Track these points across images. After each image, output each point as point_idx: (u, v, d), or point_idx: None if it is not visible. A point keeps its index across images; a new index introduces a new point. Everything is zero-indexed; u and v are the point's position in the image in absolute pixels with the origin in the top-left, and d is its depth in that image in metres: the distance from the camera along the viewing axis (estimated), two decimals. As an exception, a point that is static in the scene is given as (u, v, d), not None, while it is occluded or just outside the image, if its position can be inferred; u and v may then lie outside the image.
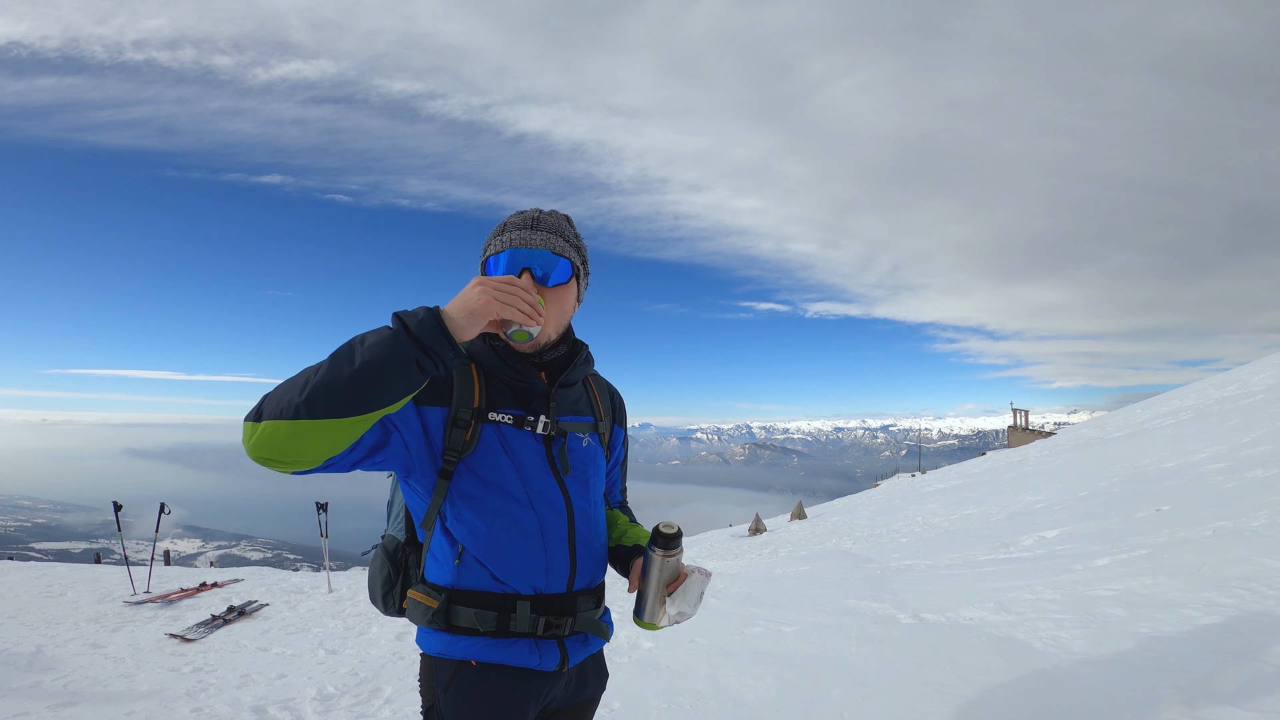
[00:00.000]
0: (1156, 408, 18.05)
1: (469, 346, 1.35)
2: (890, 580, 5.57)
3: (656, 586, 1.29)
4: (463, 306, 1.12)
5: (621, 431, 1.57)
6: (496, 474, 1.29)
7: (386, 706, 4.05)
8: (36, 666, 4.92)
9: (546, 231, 1.31)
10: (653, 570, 1.28)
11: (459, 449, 1.26)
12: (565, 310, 1.36)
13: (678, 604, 1.28)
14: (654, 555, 1.27)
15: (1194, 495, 6.07)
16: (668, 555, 1.26)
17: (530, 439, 1.32)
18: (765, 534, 13.81)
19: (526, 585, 1.30)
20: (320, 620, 6.85)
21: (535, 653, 1.29)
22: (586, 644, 1.39)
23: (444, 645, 1.29)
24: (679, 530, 1.28)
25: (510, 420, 1.30)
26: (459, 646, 1.27)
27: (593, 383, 1.51)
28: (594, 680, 1.46)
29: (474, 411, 1.28)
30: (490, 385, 1.33)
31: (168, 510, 9.12)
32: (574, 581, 1.35)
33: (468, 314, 1.11)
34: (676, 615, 1.29)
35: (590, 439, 1.43)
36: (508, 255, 1.30)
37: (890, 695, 2.98)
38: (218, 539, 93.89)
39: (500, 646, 1.27)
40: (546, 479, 1.33)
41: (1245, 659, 2.48)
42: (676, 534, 1.27)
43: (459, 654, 1.27)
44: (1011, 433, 28.28)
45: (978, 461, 21.35)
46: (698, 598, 1.29)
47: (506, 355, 1.34)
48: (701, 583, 1.29)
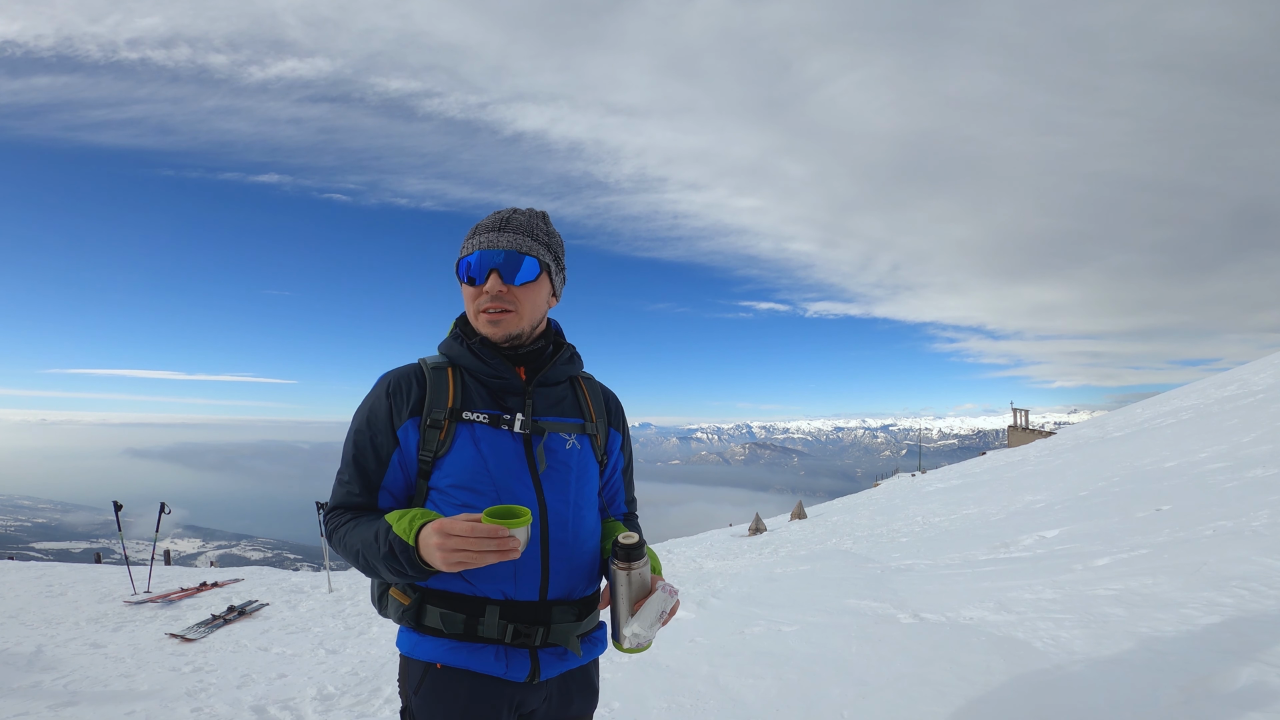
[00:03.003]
0: (1156, 407, 18.05)
1: (445, 350, 1.40)
2: (890, 580, 5.57)
3: (624, 603, 1.21)
4: (430, 562, 1.14)
5: (619, 436, 1.52)
6: (466, 473, 1.28)
7: (386, 706, 4.05)
8: (37, 666, 4.93)
9: (514, 233, 1.34)
10: (618, 586, 1.21)
11: (434, 449, 1.29)
12: (538, 306, 1.38)
13: (634, 625, 1.19)
14: (614, 570, 1.21)
15: (1194, 495, 6.07)
16: (627, 568, 1.20)
17: (506, 437, 1.31)
18: (765, 534, 13.81)
19: (495, 589, 1.27)
20: (320, 620, 6.85)
21: (502, 660, 1.26)
22: (564, 658, 1.33)
23: (412, 645, 1.29)
24: (640, 539, 1.22)
25: (485, 419, 1.31)
26: (425, 647, 1.28)
27: (584, 385, 1.49)
28: (580, 698, 1.39)
29: (448, 412, 1.30)
30: (465, 385, 1.34)
31: (168, 510, 9.13)
32: (548, 590, 1.30)
33: (437, 566, 1.14)
34: (632, 638, 1.20)
35: (577, 441, 1.39)
36: (476, 257, 1.34)
37: (890, 695, 2.98)
38: (218, 539, 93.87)
39: (465, 650, 1.26)
40: (520, 480, 1.30)
41: (1245, 659, 2.47)
42: (638, 544, 1.21)
43: (425, 655, 1.27)
44: (1011, 432, 28.28)
45: (978, 461, 21.35)
46: (656, 618, 1.20)
47: (482, 352, 1.35)
48: (663, 601, 1.21)
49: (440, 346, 1.43)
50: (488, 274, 1.32)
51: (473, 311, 1.37)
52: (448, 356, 1.38)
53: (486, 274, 1.33)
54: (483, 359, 1.35)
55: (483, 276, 1.33)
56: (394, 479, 1.32)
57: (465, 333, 1.40)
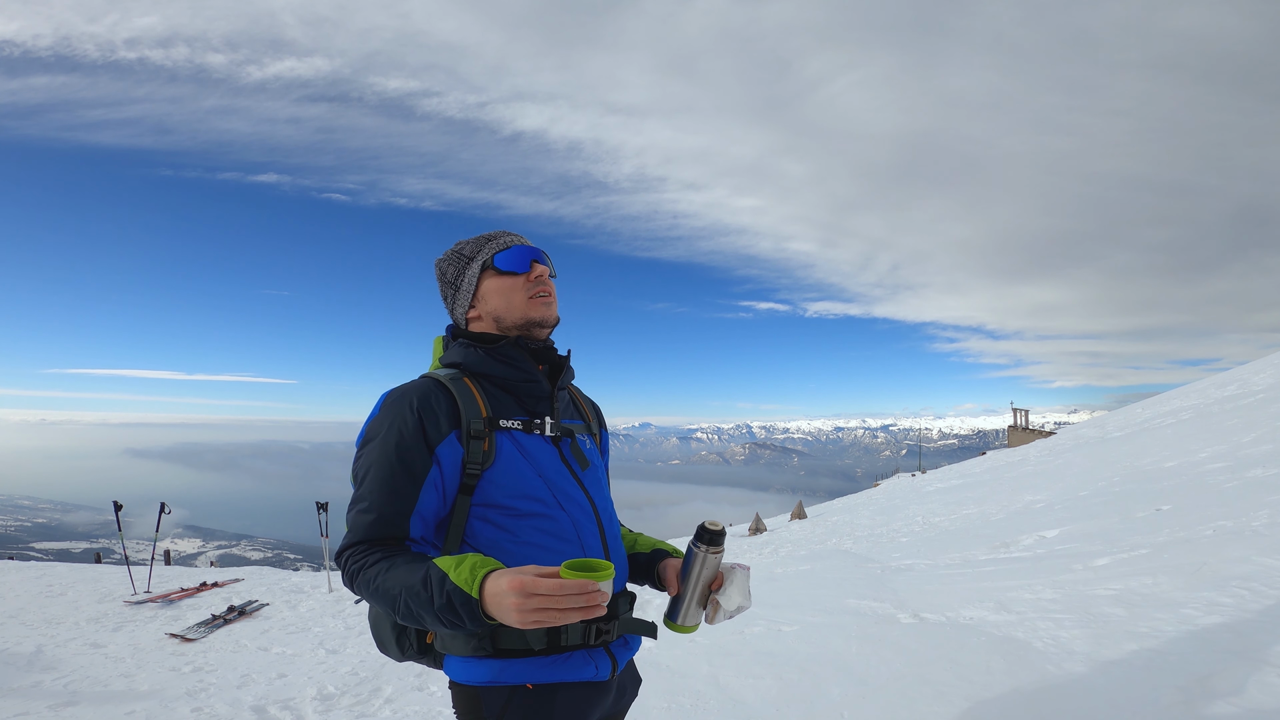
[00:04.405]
0: (1156, 407, 18.05)
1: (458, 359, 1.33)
2: (890, 580, 5.57)
3: (698, 586, 1.25)
4: (496, 612, 1.01)
5: (606, 435, 1.59)
6: (521, 481, 1.25)
7: (387, 706, 4.05)
8: (37, 666, 4.93)
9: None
10: (695, 569, 1.24)
11: (480, 461, 1.23)
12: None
13: (734, 598, 1.25)
14: (699, 553, 1.23)
15: (1194, 495, 6.07)
16: (713, 552, 1.23)
17: (542, 442, 1.31)
18: (765, 534, 13.81)
19: None
20: (320, 620, 6.85)
21: (591, 663, 1.24)
22: (628, 647, 1.35)
23: (494, 673, 1.19)
24: (724, 528, 1.27)
25: (520, 426, 1.28)
26: (512, 671, 1.19)
27: (574, 388, 1.52)
28: (631, 687, 1.44)
29: (485, 422, 1.25)
30: (489, 393, 1.30)
31: (168, 510, 9.13)
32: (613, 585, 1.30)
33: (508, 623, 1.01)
34: (735, 610, 1.26)
35: (589, 440, 1.45)
36: (518, 250, 1.37)
37: (890, 695, 2.98)
38: (218, 539, 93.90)
39: (556, 663, 1.21)
40: (568, 480, 1.31)
41: (1245, 659, 2.47)
42: (722, 531, 1.25)
43: (513, 679, 1.19)
44: (1011, 432, 28.27)
45: (978, 461, 21.36)
46: (748, 588, 1.27)
47: (511, 358, 1.32)
48: (747, 576, 1.27)
49: (444, 359, 1.37)
50: (532, 263, 1.37)
51: (520, 299, 1.35)
52: (462, 364, 1.33)
53: (529, 263, 1.37)
54: (515, 365, 1.32)
55: (527, 265, 1.36)
56: (428, 502, 1.21)
57: (478, 340, 1.35)
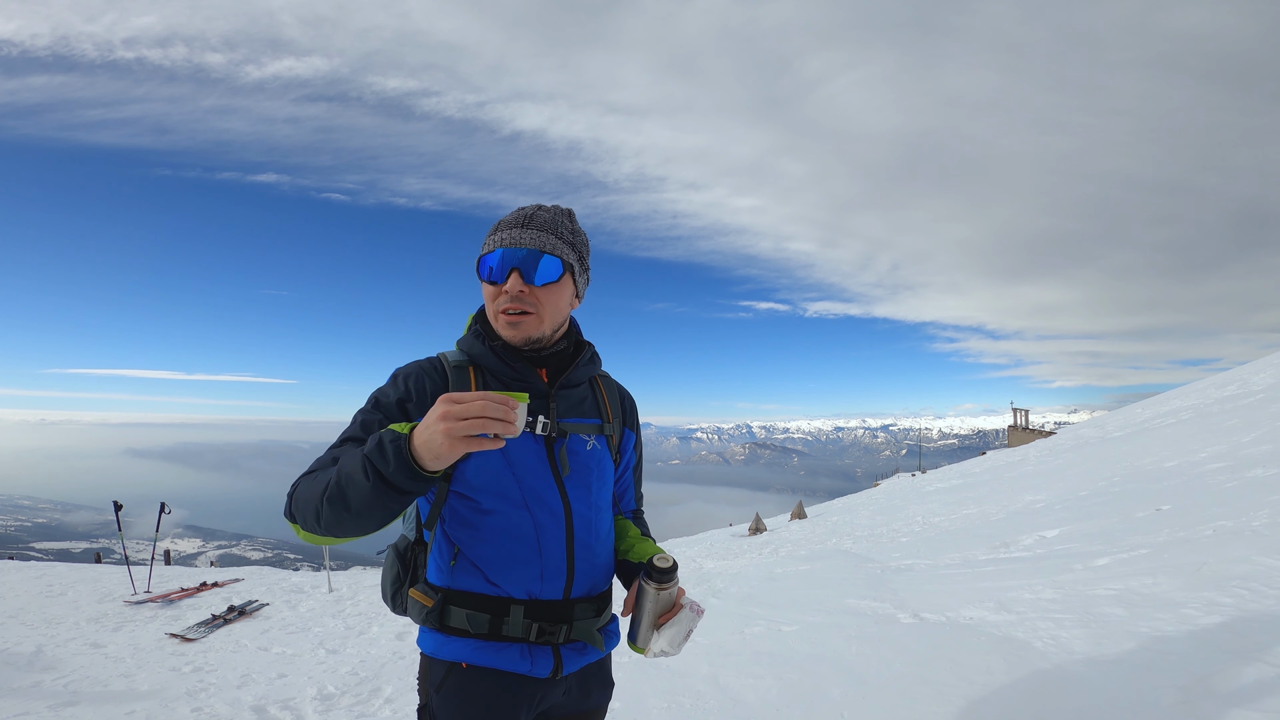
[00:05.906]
0: (1156, 407, 18.05)
1: (465, 348, 1.35)
2: (890, 580, 5.57)
3: (649, 616, 1.27)
4: (428, 448, 1.00)
5: (633, 436, 1.52)
6: (491, 476, 1.27)
7: (387, 706, 4.06)
8: (37, 666, 4.93)
9: (537, 230, 1.29)
10: (645, 601, 1.26)
11: None
12: (560, 308, 1.33)
13: (661, 642, 1.26)
14: (646, 588, 1.25)
15: (1194, 495, 6.07)
16: (660, 588, 1.25)
17: (529, 440, 1.31)
18: (765, 533, 13.81)
19: (520, 589, 1.29)
20: (320, 620, 6.85)
21: (527, 658, 1.28)
22: (584, 653, 1.36)
23: (437, 645, 1.29)
24: (674, 564, 1.25)
25: None
26: (451, 647, 1.28)
27: (601, 384, 1.48)
28: (598, 690, 1.43)
29: None
30: (488, 386, 1.31)
31: (168, 510, 9.14)
32: (571, 588, 1.32)
33: (434, 457, 1.01)
34: (659, 652, 1.27)
35: (596, 442, 1.40)
36: (498, 255, 1.28)
37: (890, 695, 2.98)
38: (218, 539, 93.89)
39: (491, 650, 1.27)
40: (545, 481, 1.31)
41: (1245, 659, 2.47)
42: (671, 568, 1.25)
43: (450, 655, 1.28)
44: (1011, 432, 28.28)
45: (978, 461, 21.35)
46: (684, 637, 1.26)
47: (505, 354, 1.32)
48: (690, 620, 1.26)
49: (459, 343, 1.37)
50: (508, 273, 1.26)
51: (492, 312, 1.31)
52: (468, 355, 1.34)
53: (507, 273, 1.27)
54: (505, 361, 1.31)
55: (503, 276, 1.27)
56: None
57: (486, 331, 1.35)
